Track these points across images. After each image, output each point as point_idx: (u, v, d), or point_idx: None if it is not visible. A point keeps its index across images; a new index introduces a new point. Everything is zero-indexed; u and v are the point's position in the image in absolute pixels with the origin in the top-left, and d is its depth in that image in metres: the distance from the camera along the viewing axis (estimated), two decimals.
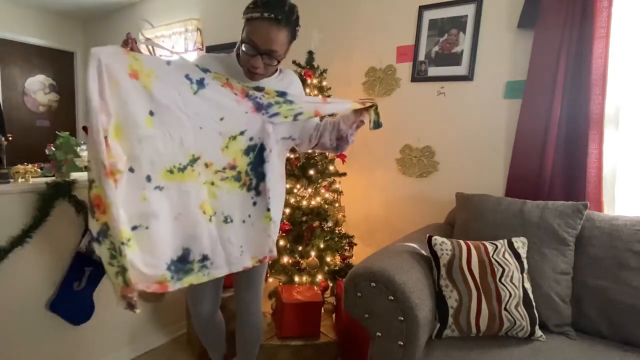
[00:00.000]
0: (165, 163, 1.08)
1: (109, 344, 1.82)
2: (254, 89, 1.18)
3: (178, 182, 1.11)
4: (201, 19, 3.37)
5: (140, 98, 1.02)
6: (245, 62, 1.15)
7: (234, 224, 1.22)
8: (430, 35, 2.11)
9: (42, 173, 1.73)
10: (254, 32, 1.08)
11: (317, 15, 2.57)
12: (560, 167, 1.70)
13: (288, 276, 1.99)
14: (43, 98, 4.64)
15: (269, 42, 1.08)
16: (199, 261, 1.17)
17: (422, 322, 1.21)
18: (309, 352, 1.72)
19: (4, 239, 1.42)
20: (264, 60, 1.12)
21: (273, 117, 1.20)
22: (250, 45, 1.09)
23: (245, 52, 1.12)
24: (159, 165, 1.07)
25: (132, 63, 1.03)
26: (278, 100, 1.19)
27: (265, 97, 1.19)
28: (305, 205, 2.00)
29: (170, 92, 1.07)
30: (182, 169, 1.12)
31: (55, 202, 1.52)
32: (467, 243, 1.41)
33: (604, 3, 1.58)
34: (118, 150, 1.00)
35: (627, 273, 1.34)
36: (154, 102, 1.05)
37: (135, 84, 1.02)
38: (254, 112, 1.18)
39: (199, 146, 1.13)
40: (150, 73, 1.05)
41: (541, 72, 1.72)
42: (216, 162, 1.18)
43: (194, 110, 1.11)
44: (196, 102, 1.11)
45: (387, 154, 2.31)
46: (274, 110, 1.19)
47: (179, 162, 1.11)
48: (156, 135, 1.06)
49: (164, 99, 1.06)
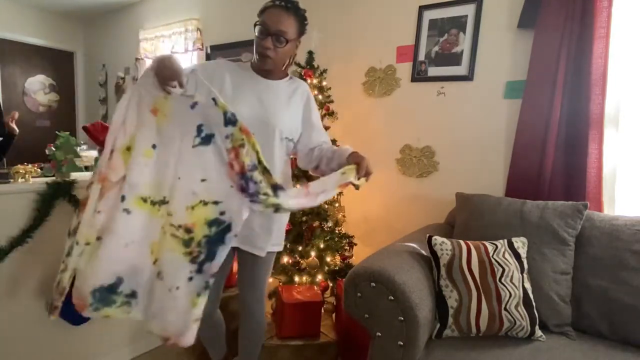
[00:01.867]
0: (143, 191, 1.13)
1: (109, 344, 1.82)
2: (258, 171, 1.10)
3: (145, 212, 1.15)
4: (201, 19, 3.37)
5: (150, 131, 1.14)
6: (257, 45, 1.25)
7: (162, 285, 1.13)
8: (430, 35, 2.11)
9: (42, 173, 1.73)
10: (267, 16, 1.22)
11: (317, 15, 2.56)
12: (560, 167, 1.70)
13: (288, 276, 1.99)
14: (43, 98, 4.64)
15: (278, 22, 1.20)
16: (125, 295, 1.14)
17: (422, 322, 1.21)
18: (309, 352, 1.72)
19: (4, 239, 1.42)
20: (273, 42, 1.21)
21: (254, 203, 1.11)
22: (262, 26, 1.22)
23: (257, 36, 1.24)
24: (137, 191, 1.13)
25: (158, 101, 1.14)
26: (268, 192, 1.10)
27: (260, 186, 1.10)
28: None
29: (175, 136, 1.14)
30: (153, 203, 1.15)
31: (55, 202, 1.52)
32: (467, 243, 1.41)
33: (604, 3, 1.58)
34: (119, 164, 1.12)
35: (627, 273, 1.34)
36: (159, 137, 1.15)
37: (151, 119, 1.14)
38: (237, 190, 1.11)
39: (171, 193, 1.14)
40: (168, 114, 1.14)
41: (541, 72, 1.72)
42: (175, 216, 1.13)
43: (183, 160, 1.14)
44: (189, 154, 1.14)
45: (387, 154, 2.31)
46: (258, 199, 1.10)
47: (154, 196, 1.15)
48: (148, 165, 1.14)
49: (166, 139, 1.15)
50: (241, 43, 2.99)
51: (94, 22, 4.69)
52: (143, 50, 3.88)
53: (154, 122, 1.14)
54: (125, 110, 1.12)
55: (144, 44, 3.87)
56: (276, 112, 1.29)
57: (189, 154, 1.13)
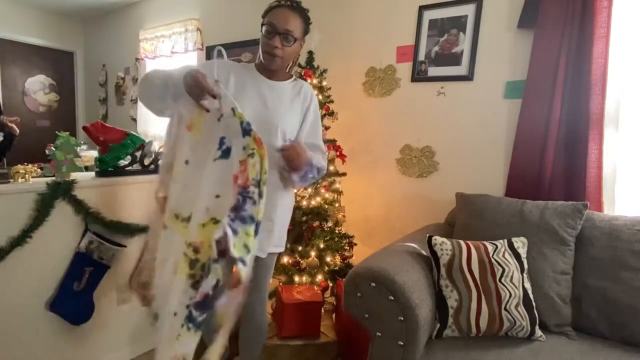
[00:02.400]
0: (174, 207, 1.15)
1: (109, 344, 1.82)
2: (258, 190, 1.02)
3: (175, 230, 1.13)
4: (201, 19, 3.37)
5: (185, 147, 1.15)
6: (265, 45, 1.26)
7: (167, 309, 1.06)
8: (430, 35, 2.11)
9: (42, 173, 1.73)
10: (273, 16, 1.23)
11: (317, 15, 2.54)
12: (560, 167, 1.70)
13: (288, 276, 1.99)
14: (43, 98, 4.64)
15: (285, 21, 1.22)
16: (152, 316, 1.14)
17: (422, 322, 1.21)
18: (309, 352, 1.72)
19: (4, 239, 1.42)
20: (281, 41, 1.23)
21: (235, 226, 0.99)
22: (269, 26, 1.23)
23: (264, 36, 1.25)
24: (171, 207, 1.15)
25: (195, 117, 1.15)
26: (250, 228, 1.01)
27: (255, 203, 1.01)
28: (305, 205, 2.00)
29: (204, 150, 1.13)
30: (182, 219, 1.13)
31: (55, 202, 1.52)
32: (467, 243, 1.41)
33: (604, 3, 1.58)
34: (162, 181, 1.19)
35: (627, 273, 1.34)
36: (191, 154, 1.15)
37: (187, 135, 1.15)
38: (232, 210, 1.01)
39: (193, 209, 1.09)
40: (202, 129, 1.14)
41: (541, 72, 1.72)
42: (190, 233, 1.07)
43: (206, 175, 1.10)
44: (210, 168, 1.09)
45: (387, 154, 2.31)
46: (241, 226, 0.99)
47: (183, 212, 1.13)
48: (180, 182, 1.15)
49: (197, 155, 1.14)
50: (241, 43, 2.99)
51: (94, 22, 4.69)
52: (143, 50, 3.88)
53: (189, 139, 1.15)
54: (170, 130, 1.17)
55: (144, 44, 3.87)
56: (280, 112, 1.30)
57: (210, 168, 1.09)
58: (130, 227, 1.75)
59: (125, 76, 4.30)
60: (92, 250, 1.61)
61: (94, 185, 1.66)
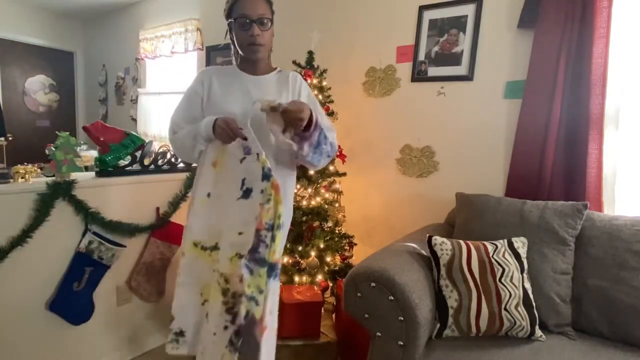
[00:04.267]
0: (195, 236, 1.26)
1: (108, 344, 1.82)
2: (270, 236, 1.13)
3: (194, 256, 1.26)
4: (201, 19, 3.37)
5: (209, 181, 1.26)
6: (244, 39, 1.26)
7: (207, 327, 1.22)
8: (430, 35, 2.11)
9: (42, 173, 1.73)
10: (241, 8, 1.23)
11: (317, 15, 2.57)
12: (560, 167, 1.70)
13: (288, 276, 1.99)
14: (43, 98, 4.64)
15: (255, 8, 1.22)
16: (174, 333, 1.29)
17: (422, 322, 1.21)
18: (309, 352, 1.72)
19: (4, 239, 1.42)
20: (259, 27, 1.23)
21: (249, 268, 1.14)
22: (242, 19, 1.23)
23: (240, 30, 1.25)
24: (191, 236, 1.27)
25: (219, 155, 1.25)
26: (263, 270, 1.14)
27: (267, 247, 1.13)
28: (305, 205, 2.00)
29: (224, 187, 1.24)
30: (204, 248, 1.25)
31: (55, 202, 1.52)
32: (467, 243, 1.41)
33: (604, 3, 1.58)
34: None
35: (627, 273, 1.34)
36: (214, 188, 1.26)
37: (212, 171, 1.26)
38: (249, 252, 1.15)
39: (220, 241, 1.24)
40: (225, 166, 1.25)
41: (541, 72, 1.72)
42: (220, 264, 1.21)
43: (228, 211, 1.22)
44: (233, 206, 1.21)
45: (387, 154, 2.31)
46: (255, 267, 1.14)
47: (205, 241, 1.25)
48: (200, 214, 1.26)
49: (219, 189, 1.25)
50: None
51: (94, 22, 4.69)
52: (143, 50, 3.88)
53: (213, 174, 1.26)
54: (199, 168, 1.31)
55: (144, 44, 3.87)
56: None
57: (232, 206, 1.21)
58: (130, 227, 1.75)
59: (125, 76, 4.30)
60: (92, 250, 1.61)
61: (94, 185, 1.66)
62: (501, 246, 1.40)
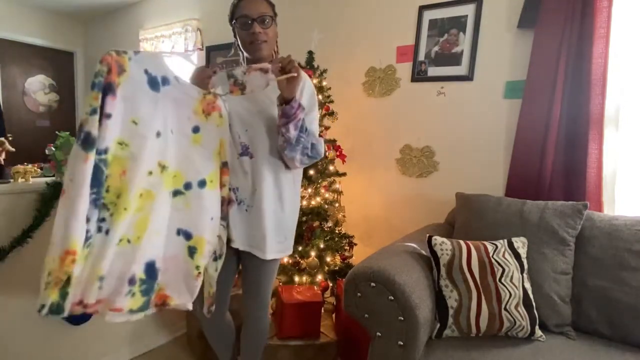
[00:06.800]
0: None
1: (108, 344, 1.82)
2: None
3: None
4: (201, 19, 3.37)
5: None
6: (246, 37, 1.26)
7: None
8: (430, 35, 2.11)
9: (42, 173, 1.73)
10: (243, 8, 1.24)
11: (317, 15, 2.57)
12: (560, 167, 1.70)
13: (288, 276, 1.99)
14: (43, 98, 4.64)
15: (256, 7, 1.24)
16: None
17: (422, 322, 1.21)
18: (309, 352, 1.72)
19: (5, 239, 1.42)
20: (260, 26, 1.24)
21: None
22: (243, 18, 1.24)
23: (241, 30, 1.26)
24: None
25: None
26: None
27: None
28: (305, 205, 2.00)
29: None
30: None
31: (55, 202, 1.51)
32: (467, 243, 1.41)
33: (604, 3, 1.58)
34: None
35: (627, 273, 1.34)
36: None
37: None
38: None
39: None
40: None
41: (541, 72, 1.72)
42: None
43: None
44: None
45: (387, 154, 2.31)
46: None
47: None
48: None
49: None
50: None
51: (94, 22, 4.69)
52: (143, 50, 3.88)
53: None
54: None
55: (144, 44, 3.87)
56: (266, 103, 1.27)
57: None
58: None
59: None
60: None
61: None
62: (501, 246, 1.40)
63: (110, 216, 0.98)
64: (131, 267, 1.01)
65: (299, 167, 1.34)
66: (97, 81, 0.94)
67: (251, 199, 1.27)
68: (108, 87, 0.94)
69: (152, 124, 1.03)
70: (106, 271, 0.98)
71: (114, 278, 1.00)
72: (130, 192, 0.98)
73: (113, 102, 0.95)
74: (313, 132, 1.30)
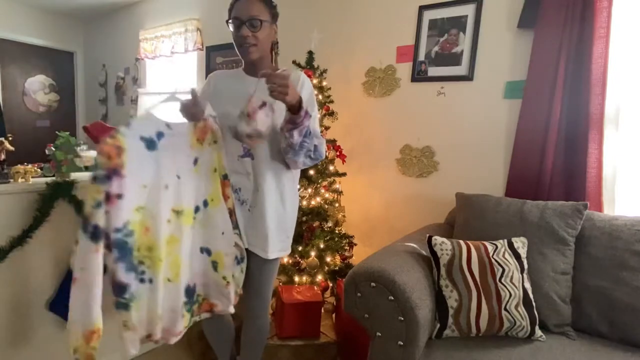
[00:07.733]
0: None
1: (108, 344, 1.81)
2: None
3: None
4: (201, 19, 3.37)
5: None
6: (236, 39, 1.26)
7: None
8: (430, 35, 2.11)
9: (42, 173, 1.73)
10: (235, 10, 1.25)
11: (317, 15, 2.57)
12: (560, 167, 1.70)
13: (288, 276, 1.99)
14: (43, 98, 4.64)
15: (247, 10, 1.22)
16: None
17: (422, 322, 1.21)
18: (309, 352, 1.72)
19: (4, 239, 1.42)
20: (249, 29, 1.22)
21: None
22: (235, 20, 1.24)
23: (233, 32, 1.26)
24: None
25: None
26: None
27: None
28: (305, 205, 2.00)
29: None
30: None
31: (55, 202, 1.51)
32: (467, 243, 1.41)
33: (604, 3, 1.58)
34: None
35: (627, 273, 1.34)
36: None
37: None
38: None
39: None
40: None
41: (541, 72, 1.72)
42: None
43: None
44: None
45: (387, 154, 2.31)
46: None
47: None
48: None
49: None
50: None
51: (94, 22, 4.69)
52: (143, 50, 3.88)
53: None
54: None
55: (144, 44, 3.87)
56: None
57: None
58: None
59: (125, 76, 4.30)
60: None
61: None
62: (501, 246, 1.40)
63: (149, 268, 1.10)
64: (178, 298, 1.17)
65: (300, 167, 1.35)
66: (99, 175, 0.98)
67: (254, 199, 1.29)
68: (114, 172, 0.99)
69: (159, 181, 1.10)
70: (162, 309, 1.14)
71: (168, 311, 1.16)
72: (160, 246, 1.10)
73: (121, 182, 1.00)
74: (315, 131, 1.30)
